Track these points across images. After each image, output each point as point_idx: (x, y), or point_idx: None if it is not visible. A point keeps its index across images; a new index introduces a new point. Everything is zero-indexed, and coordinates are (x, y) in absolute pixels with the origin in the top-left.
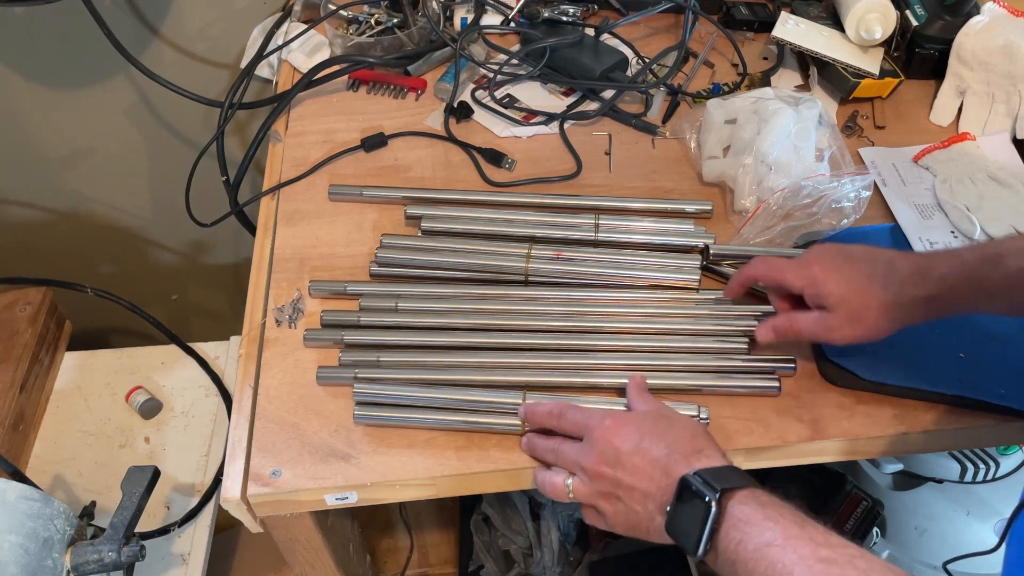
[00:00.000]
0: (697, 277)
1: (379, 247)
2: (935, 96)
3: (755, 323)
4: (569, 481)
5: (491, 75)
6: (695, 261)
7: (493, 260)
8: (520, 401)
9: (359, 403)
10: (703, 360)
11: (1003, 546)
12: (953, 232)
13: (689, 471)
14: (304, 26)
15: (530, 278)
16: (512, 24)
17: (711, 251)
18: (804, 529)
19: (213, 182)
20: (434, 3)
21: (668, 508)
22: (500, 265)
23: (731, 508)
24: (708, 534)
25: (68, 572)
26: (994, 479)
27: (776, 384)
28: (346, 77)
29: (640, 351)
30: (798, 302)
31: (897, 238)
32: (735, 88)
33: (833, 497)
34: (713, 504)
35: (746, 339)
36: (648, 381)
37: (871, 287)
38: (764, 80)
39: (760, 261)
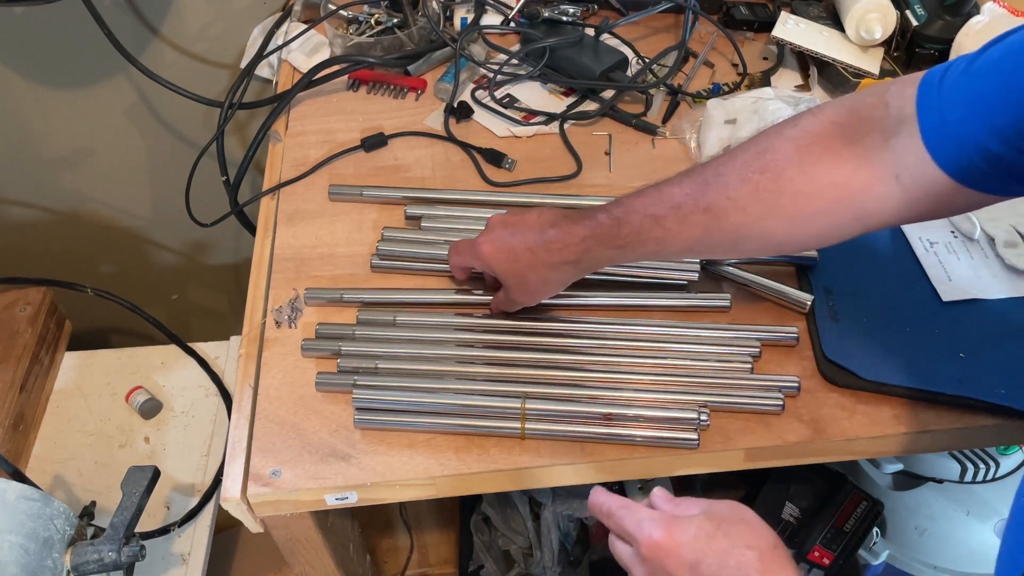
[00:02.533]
0: (695, 274)
1: (380, 240)
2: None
3: (757, 343)
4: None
5: (491, 75)
6: (694, 262)
7: None
8: (519, 406)
9: (359, 409)
10: (706, 376)
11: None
12: (953, 232)
13: None
14: (304, 26)
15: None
16: (512, 24)
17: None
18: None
19: (213, 182)
20: (434, 3)
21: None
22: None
23: None
24: None
25: (68, 572)
26: (994, 479)
27: (780, 402)
28: (346, 77)
29: (642, 367)
30: None
31: (897, 238)
32: (735, 88)
33: (833, 497)
34: None
35: (750, 356)
36: (651, 396)
37: (527, 258)
38: (764, 80)
39: (452, 250)
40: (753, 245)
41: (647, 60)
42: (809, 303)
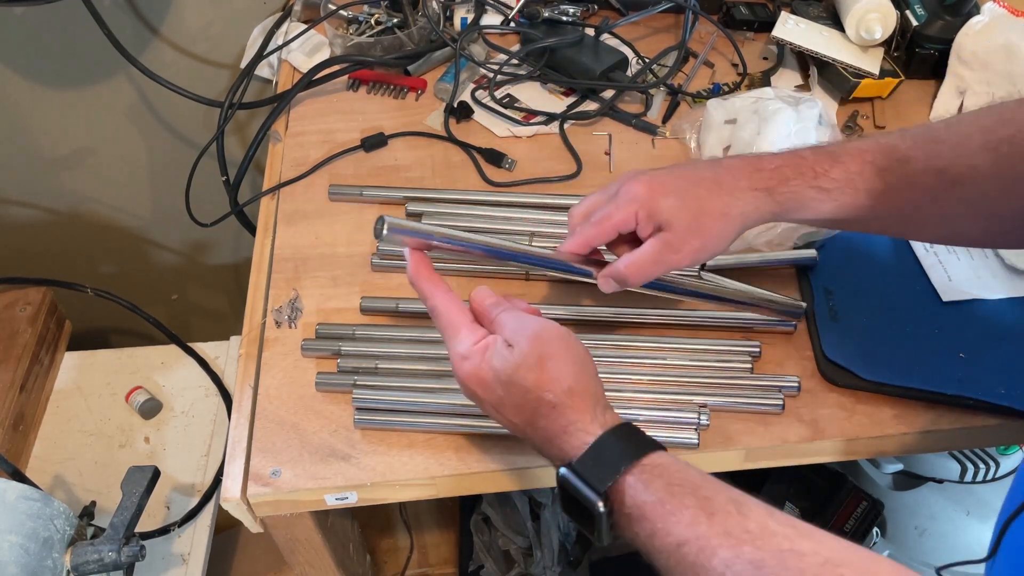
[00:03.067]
0: (695, 270)
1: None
2: (935, 96)
3: (756, 344)
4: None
5: (491, 75)
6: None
7: None
8: None
9: (359, 408)
10: (706, 376)
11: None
12: None
13: (561, 457)
14: (304, 26)
15: (531, 273)
16: (512, 24)
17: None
18: (714, 520)
19: (213, 182)
20: (434, 3)
21: (559, 495)
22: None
23: (625, 501)
24: (607, 534)
25: (68, 572)
26: (994, 479)
27: (780, 402)
28: (346, 77)
29: (642, 367)
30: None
31: (897, 238)
32: (735, 88)
33: (833, 497)
34: (600, 507)
35: (750, 357)
36: (651, 396)
37: (703, 189)
38: (764, 80)
39: (581, 229)
40: (965, 228)
41: (647, 60)
42: (803, 309)
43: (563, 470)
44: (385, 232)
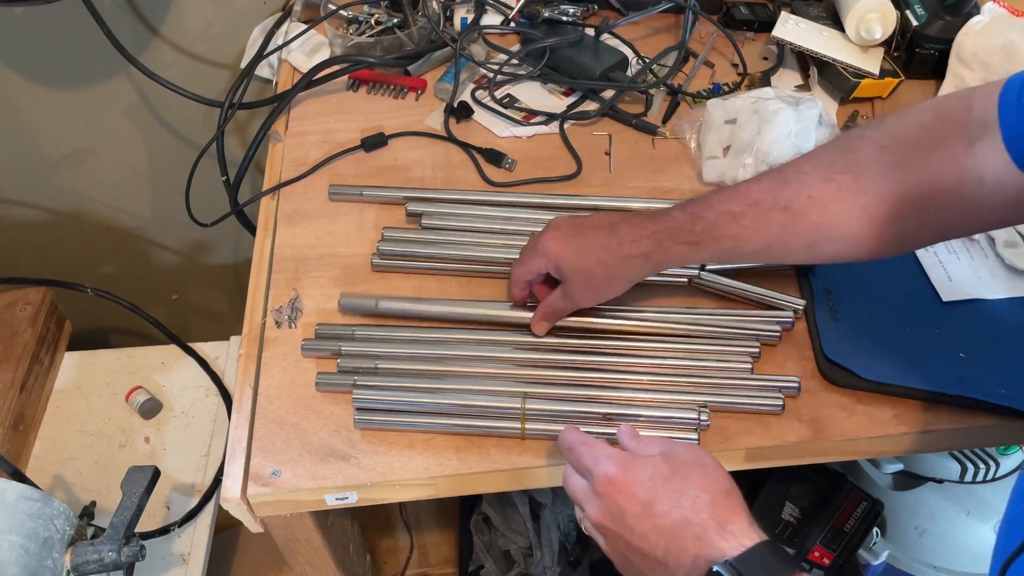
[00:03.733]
0: (695, 270)
1: (381, 240)
2: (935, 96)
3: (756, 344)
4: (580, 515)
5: (491, 75)
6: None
7: (494, 253)
8: (519, 406)
9: (359, 408)
10: (706, 376)
11: None
12: None
13: (715, 558)
14: (304, 26)
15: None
16: (512, 24)
17: (707, 266)
18: None
19: (213, 182)
20: (434, 3)
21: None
22: (501, 257)
23: None
24: None
25: (68, 572)
26: (994, 479)
27: (780, 403)
28: (346, 77)
29: (642, 367)
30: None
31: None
32: (735, 88)
33: (833, 497)
34: None
35: (750, 357)
36: (650, 396)
37: (597, 253)
38: (764, 80)
39: (515, 267)
40: (830, 248)
41: (647, 60)
42: (802, 307)
43: (718, 567)
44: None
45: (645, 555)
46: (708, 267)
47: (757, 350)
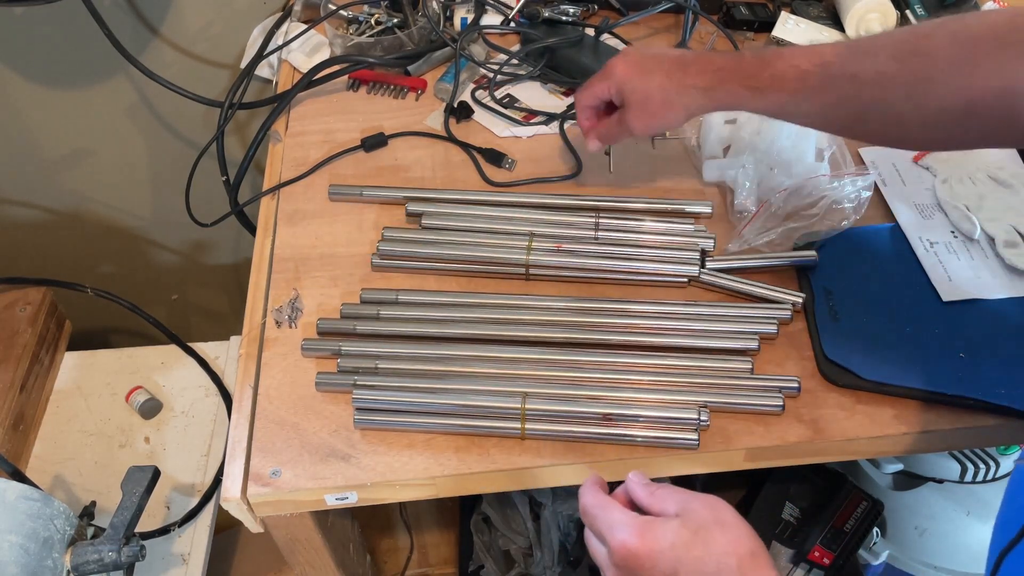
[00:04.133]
0: (696, 271)
1: (381, 239)
2: None
3: (756, 339)
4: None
5: (491, 75)
6: (694, 254)
7: (494, 252)
8: (519, 406)
9: (358, 409)
10: (706, 378)
11: None
12: (953, 232)
13: None
14: (304, 26)
15: (531, 271)
16: (512, 24)
17: (707, 266)
18: None
19: (213, 182)
20: (434, 3)
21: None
22: (501, 257)
23: None
24: None
25: (68, 572)
26: (994, 479)
27: (780, 403)
28: (346, 77)
29: (642, 367)
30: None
31: (897, 238)
32: None
33: (833, 497)
34: None
35: (750, 358)
36: (650, 396)
37: (659, 78)
38: None
39: (580, 92)
40: (879, 127)
41: None
42: (801, 300)
43: None
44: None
45: None
46: (709, 265)
47: (756, 344)
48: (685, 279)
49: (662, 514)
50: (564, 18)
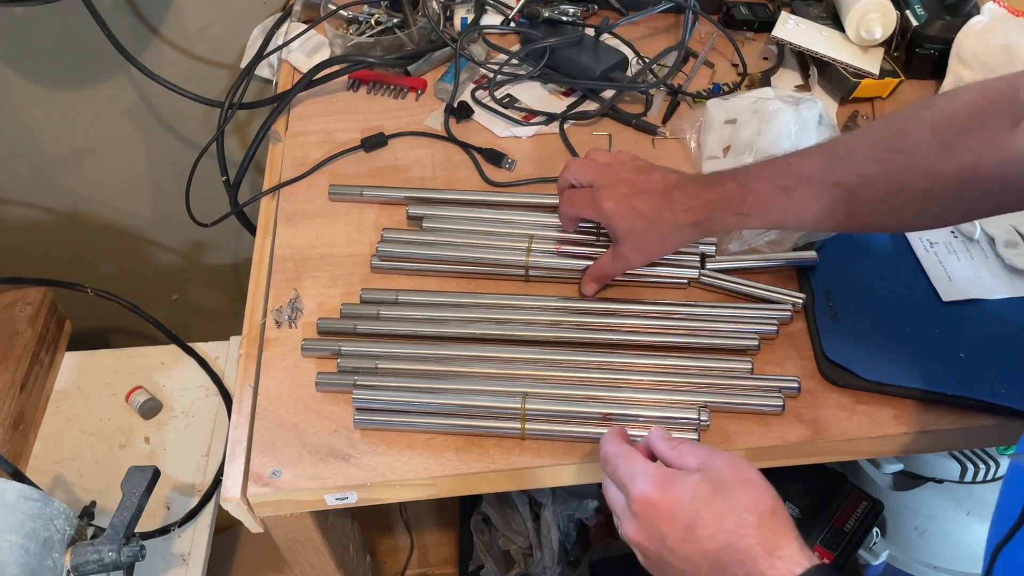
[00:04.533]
0: (696, 273)
1: (380, 241)
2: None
3: (756, 339)
4: (617, 524)
5: (491, 75)
6: (695, 257)
7: (494, 254)
8: (519, 406)
9: (358, 409)
10: (706, 378)
11: None
12: (953, 232)
13: None
14: (304, 26)
15: (530, 273)
16: (512, 24)
17: (707, 267)
18: None
19: (213, 182)
20: (434, 3)
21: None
22: (500, 259)
23: None
24: None
25: (68, 572)
26: (994, 479)
27: (780, 403)
28: (346, 77)
29: (642, 367)
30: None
31: (897, 237)
32: (735, 88)
33: (833, 497)
34: None
35: (750, 356)
36: (650, 396)
37: (650, 216)
38: (764, 80)
39: (564, 200)
40: (878, 223)
41: (647, 60)
42: (801, 301)
43: None
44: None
45: None
46: (710, 265)
47: (756, 343)
48: (685, 280)
49: (683, 468)
50: (564, 18)
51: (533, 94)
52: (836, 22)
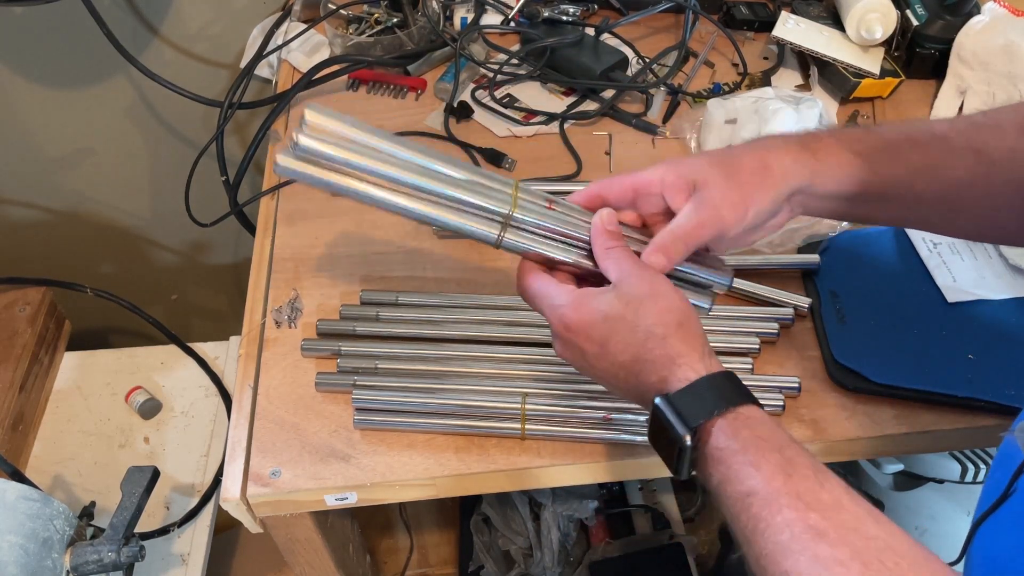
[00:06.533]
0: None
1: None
2: (935, 96)
3: (756, 341)
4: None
5: (491, 75)
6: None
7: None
8: (519, 406)
9: (358, 409)
10: None
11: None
12: None
13: (661, 390)
14: (304, 26)
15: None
16: (512, 24)
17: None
18: (790, 481)
19: (213, 182)
20: (434, 3)
21: (647, 424)
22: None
23: (709, 441)
24: (687, 468)
25: (68, 572)
26: None
27: (780, 403)
28: (346, 77)
29: None
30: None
31: (900, 239)
32: (735, 88)
33: None
34: (687, 440)
35: (751, 358)
36: None
37: (736, 149)
38: (764, 80)
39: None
40: (1010, 215)
41: (647, 60)
42: (807, 305)
43: (659, 399)
44: (278, 165)
45: (611, 384)
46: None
47: (757, 346)
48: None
49: (602, 279)
50: (564, 18)
51: (533, 94)
52: (836, 22)
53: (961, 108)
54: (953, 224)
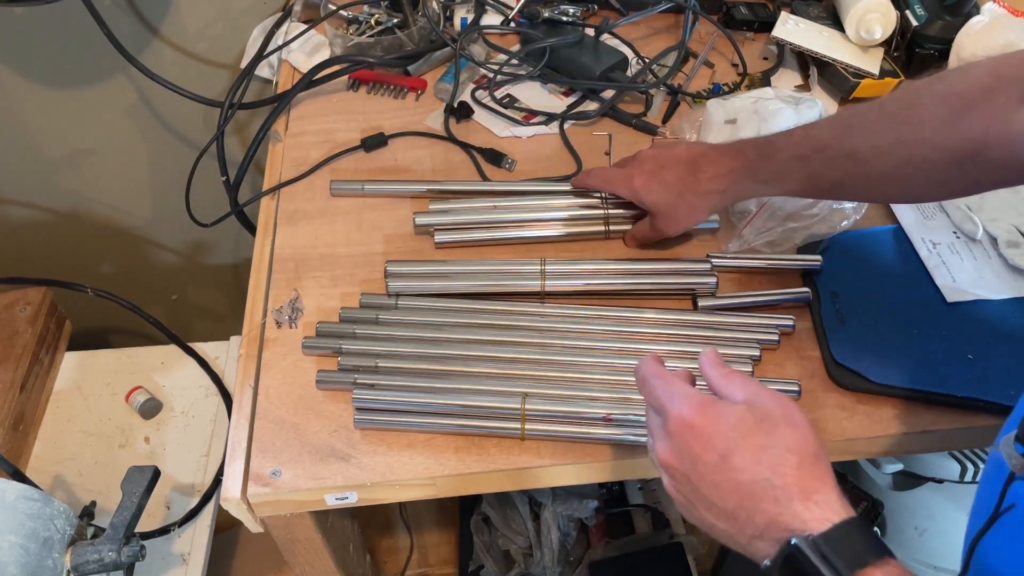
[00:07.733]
0: (712, 281)
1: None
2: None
3: (757, 348)
4: (650, 446)
5: (491, 75)
6: (706, 265)
7: (507, 280)
8: (519, 406)
9: (358, 409)
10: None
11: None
12: (955, 232)
13: (795, 528)
14: (304, 26)
15: (545, 294)
16: (512, 24)
17: (711, 261)
18: None
19: (213, 182)
20: (434, 3)
21: (766, 565)
22: (515, 284)
23: None
24: None
25: (68, 572)
26: None
27: None
28: (346, 77)
29: None
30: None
31: (900, 239)
32: (735, 88)
33: None
34: None
35: (751, 361)
36: None
37: (678, 188)
38: (764, 80)
39: (596, 173)
40: (890, 193)
41: (647, 60)
42: (808, 295)
43: (800, 541)
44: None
45: (712, 505)
46: (704, 304)
47: (758, 354)
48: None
49: (728, 399)
50: (564, 18)
51: (533, 94)
52: (836, 22)
53: None
54: (843, 199)
